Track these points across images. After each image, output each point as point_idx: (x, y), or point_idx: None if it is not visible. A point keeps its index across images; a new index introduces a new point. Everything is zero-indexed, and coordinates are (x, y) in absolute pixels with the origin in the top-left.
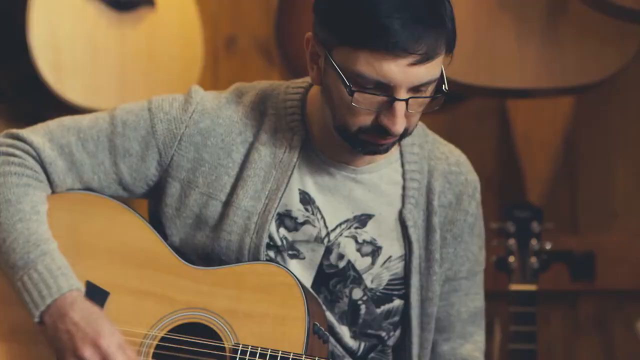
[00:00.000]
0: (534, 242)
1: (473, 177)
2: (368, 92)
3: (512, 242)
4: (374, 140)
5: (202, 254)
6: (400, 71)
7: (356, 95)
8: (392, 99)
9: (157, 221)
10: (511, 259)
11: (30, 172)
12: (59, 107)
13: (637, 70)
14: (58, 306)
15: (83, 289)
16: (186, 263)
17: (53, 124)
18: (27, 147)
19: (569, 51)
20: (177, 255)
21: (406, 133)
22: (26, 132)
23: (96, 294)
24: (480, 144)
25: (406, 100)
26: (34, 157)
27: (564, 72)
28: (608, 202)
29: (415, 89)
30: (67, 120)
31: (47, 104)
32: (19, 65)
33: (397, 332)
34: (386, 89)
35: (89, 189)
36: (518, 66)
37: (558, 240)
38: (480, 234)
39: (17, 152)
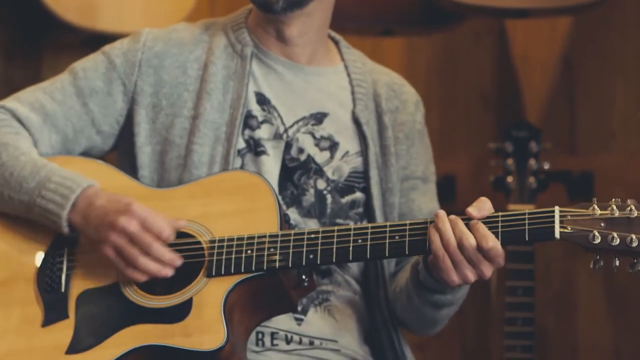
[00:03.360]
0: (532, 162)
1: (415, 92)
2: None
3: (510, 162)
4: None
5: (174, 176)
6: None
7: None
8: None
9: (126, 167)
10: (509, 179)
11: (15, 123)
12: (59, 27)
13: None
14: (82, 200)
15: (98, 185)
16: (154, 188)
17: (17, 93)
18: (2, 110)
19: None
20: (145, 184)
21: None
22: None
23: (72, 230)
24: (479, 64)
25: None
26: (11, 116)
27: None
28: (606, 123)
29: None
30: (29, 87)
31: (45, 26)
32: None
33: (364, 223)
34: None
35: (65, 139)
36: None
37: (556, 160)
38: (428, 146)
39: None
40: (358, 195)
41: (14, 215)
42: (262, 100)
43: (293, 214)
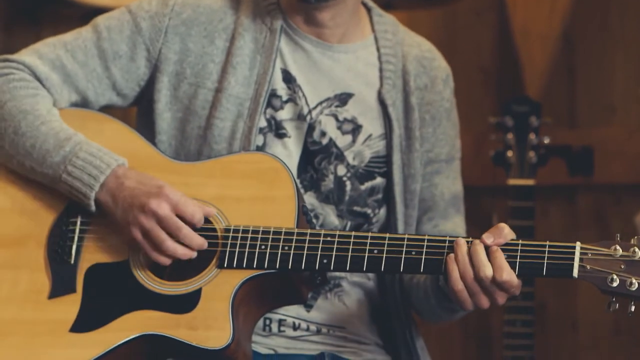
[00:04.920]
0: (532, 136)
1: (445, 65)
2: None
3: (510, 136)
4: None
5: (194, 147)
6: None
7: None
8: None
9: (146, 126)
10: (509, 153)
11: (33, 84)
12: (58, 1)
13: None
14: (111, 181)
15: (127, 163)
16: (174, 160)
17: (38, 45)
18: (20, 67)
19: None
20: (164, 154)
21: None
22: (15, 56)
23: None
24: (479, 38)
25: None
26: (29, 74)
27: None
28: (606, 97)
29: None
30: (50, 39)
31: (45, 0)
32: None
33: (382, 211)
34: None
35: (85, 100)
36: None
37: (556, 134)
38: (455, 122)
39: (14, 70)
40: (378, 180)
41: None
42: (287, 78)
43: (311, 198)
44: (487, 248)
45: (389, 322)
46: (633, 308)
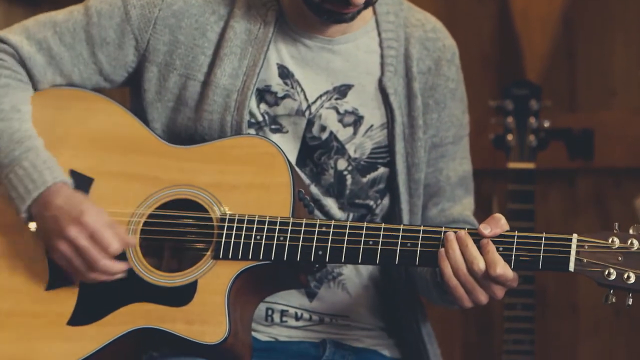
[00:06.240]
0: (532, 120)
1: (450, 42)
2: None
3: (510, 120)
4: (338, 9)
5: (185, 136)
6: None
7: None
8: None
9: (139, 109)
10: (509, 137)
11: (8, 72)
12: None
13: None
14: (43, 197)
15: (69, 181)
16: (169, 144)
17: (29, 22)
18: (4, 47)
19: None
20: (159, 137)
21: (369, 1)
22: (2, 33)
23: (80, 182)
24: (479, 22)
25: None
26: (12, 56)
27: None
28: (607, 80)
29: None
30: (42, 16)
31: None
32: None
33: (385, 201)
34: None
35: (70, 83)
36: None
37: (556, 118)
38: (462, 98)
39: None
40: (381, 171)
41: None
42: (284, 73)
43: (314, 189)
44: (479, 241)
45: (395, 307)
46: (631, 301)
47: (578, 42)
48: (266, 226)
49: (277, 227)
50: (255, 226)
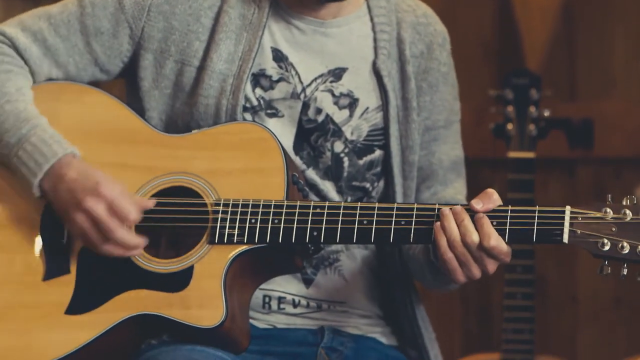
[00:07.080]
0: (532, 109)
1: (441, 28)
2: None
3: (510, 109)
4: None
5: (182, 123)
6: None
7: None
8: None
9: (135, 100)
10: (509, 126)
11: (8, 58)
12: None
13: None
14: (55, 170)
15: (78, 153)
16: (162, 132)
17: (24, 15)
18: (1, 38)
19: None
20: (152, 126)
21: None
22: None
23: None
24: (479, 11)
25: None
26: (9, 46)
27: None
28: (607, 69)
29: None
30: (37, 10)
31: None
32: None
33: (381, 183)
34: None
35: (67, 75)
36: None
37: (556, 107)
38: (453, 84)
39: None
40: (377, 153)
41: None
42: (279, 57)
43: (311, 174)
44: (474, 215)
45: (390, 292)
46: (625, 272)
47: (578, 32)
48: (260, 209)
49: (272, 210)
50: (249, 210)
